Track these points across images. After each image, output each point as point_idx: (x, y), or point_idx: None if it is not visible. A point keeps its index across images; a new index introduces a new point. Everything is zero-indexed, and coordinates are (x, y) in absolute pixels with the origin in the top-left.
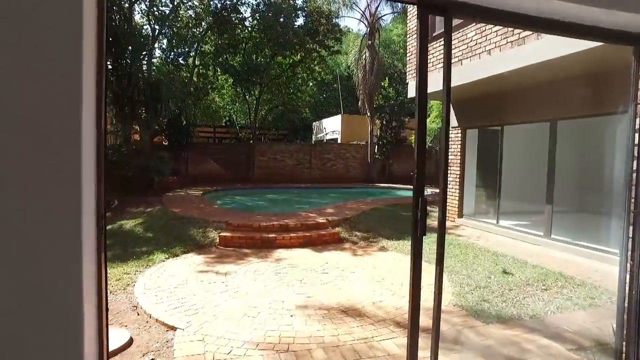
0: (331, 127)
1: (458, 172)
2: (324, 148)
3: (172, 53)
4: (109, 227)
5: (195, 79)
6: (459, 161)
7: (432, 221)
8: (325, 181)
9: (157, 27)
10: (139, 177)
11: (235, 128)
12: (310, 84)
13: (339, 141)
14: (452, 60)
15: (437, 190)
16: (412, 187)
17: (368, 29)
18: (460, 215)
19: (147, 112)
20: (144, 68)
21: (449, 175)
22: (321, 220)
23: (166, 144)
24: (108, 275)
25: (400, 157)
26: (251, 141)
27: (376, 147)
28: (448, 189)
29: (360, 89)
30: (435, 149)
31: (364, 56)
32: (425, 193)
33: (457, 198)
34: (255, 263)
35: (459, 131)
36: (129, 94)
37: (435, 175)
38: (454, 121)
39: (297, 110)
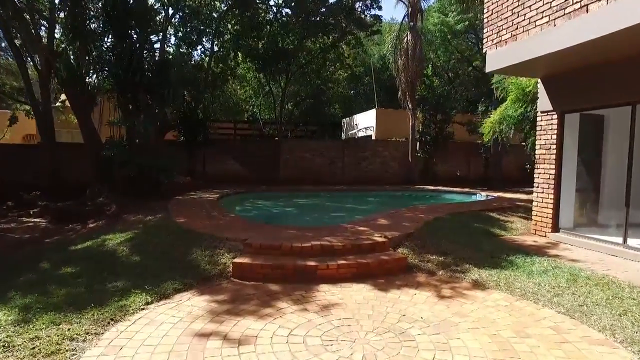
0: (364, 123)
1: (553, 172)
2: (359, 145)
3: (186, 34)
4: (86, 243)
5: (213, 64)
6: (552, 157)
7: (510, 235)
8: (360, 183)
9: (170, 6)
10: (144, 177)
11: (259, 123)
12: (344, 73)
13: (374, 138)
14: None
15: (494, 194)
16: (462, 189)
17: (409, 10)
18: (555, 228)
19: (152, 99)
20: (154, 48)
21: (537, 176)
22: (377, 237)
23: (180, 140)
24: (36, 342)
25: (445, 155)
26: (276, 138)
27: (417, 144)
28: (536, 194)
29: (402, 77)
30: (499, 144)
31: (405, 39)
32: (480, 197)
33: (550, 206)
34: (290, 315)
35: (553, 116)
36: (130, 77)
37: (483, 176)
38: (544, 103)
39: (328, 103)
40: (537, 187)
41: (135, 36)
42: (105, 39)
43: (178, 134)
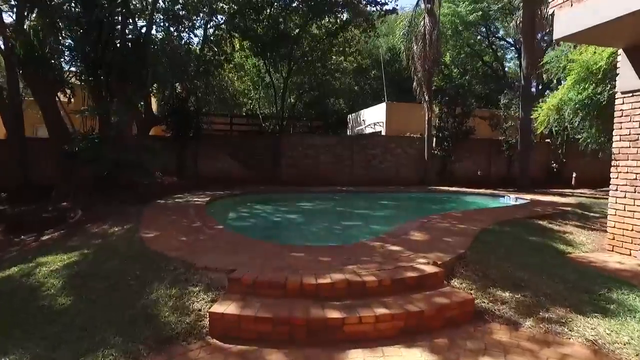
0: (372, 118)
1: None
2: (369, 142)
3: (170, 5)
4: (11, 270)
5: (206, 48)
6: (637, 151)
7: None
8: (371, 183)
9: None
10: (118, 177)
11: (258, 118)
12: (350, 65)
13: (384, 134)
14: None
15: (525, 197)
16: (486, 191)
17: None
18: None
19: (128, 83)
20: (131, 23)
21: (615, 176)
22: (423, 263)
23: (170, 135)
24: None
25: (464, 153)
26: (277, 134)
27: (434, 140)
28: (614, 199)
29: (417, 65)
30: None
31: (422, 22)
32: (509, 200)
33: (636, 215)
34: None
35: None
36: (99, 55)
37: (505, 177)
38: (628, 81)
39: (334, 96)
40: (616, 190)
41: (105, 4)
42: (72, 9)
43: (167, 128)
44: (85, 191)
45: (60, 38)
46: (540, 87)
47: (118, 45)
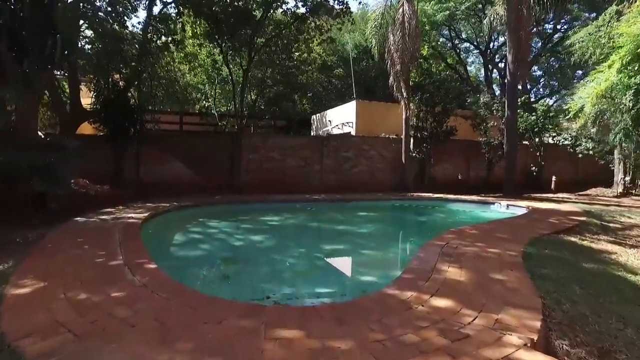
0: (340, 118)
1: None
2: (341, 143)
3: None
4: None
5: (150, 29)
6: None
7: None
8: (344, 189)
9: None
10: (9, 186)
11: (214, 116)
12: (320, 54)
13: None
14: None
15: (518, 204)
16: (472, 197)
17: None
18: None
19: (24, 51)
20: None
21: None
22: (516, 346)
23: (103, 135)
24: None
25: (443, 155)
26: (236, 134)
27: (412, 141)
28: None
29: (396, 57)
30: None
31: (400, 10)
32: (500, 208)
33: None
34: None
35: None
36: None
37: (486, 181)
38: None
39: (300, 90)
40: None
41: None
42: None
43: (100, 126)
44: None
45: None
46: (528, 86)
47: None
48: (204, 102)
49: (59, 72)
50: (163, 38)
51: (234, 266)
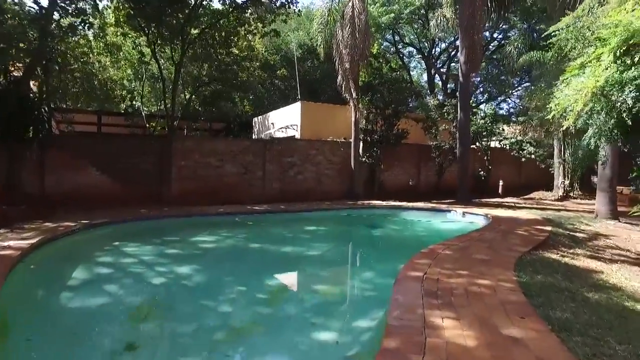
0: (284, 121)
1: None
2: (286, 148)
3: None
4: None
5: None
6: None
7: None
8: (289, 198)
9: None
10: None
11: (141, 117)
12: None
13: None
14: None
15: (475, 212)
16: (425, 205)
17: None
18: None
19: None
20: None
21: None
22: None
23: None
24: None
25: (393, 160)
26: (167, 137)
27: (361, 145)
28: None
29: (345, 54)
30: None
31: (349, 4)
32: (456, 216)
33: None
34: None
35: None
36: None
37: (436, 186)
38: None
39: (241, 89)
40: None
41: None
42: None
43: None
44: None
45: None
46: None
47: None
48: (131, 101)
49: None
50: (71, 18)
51: (146, 325)
